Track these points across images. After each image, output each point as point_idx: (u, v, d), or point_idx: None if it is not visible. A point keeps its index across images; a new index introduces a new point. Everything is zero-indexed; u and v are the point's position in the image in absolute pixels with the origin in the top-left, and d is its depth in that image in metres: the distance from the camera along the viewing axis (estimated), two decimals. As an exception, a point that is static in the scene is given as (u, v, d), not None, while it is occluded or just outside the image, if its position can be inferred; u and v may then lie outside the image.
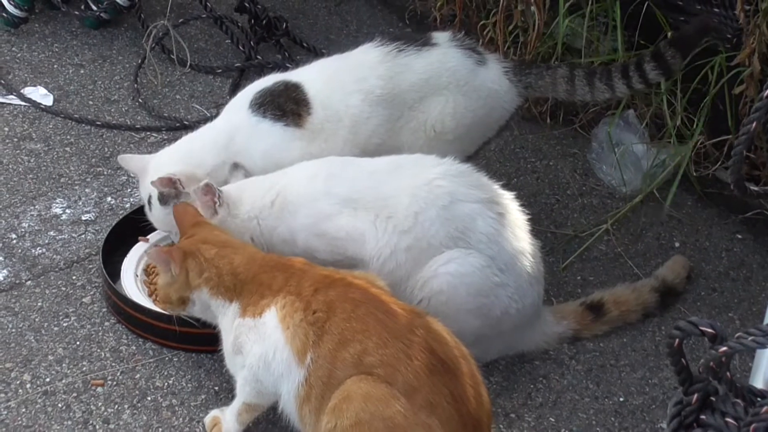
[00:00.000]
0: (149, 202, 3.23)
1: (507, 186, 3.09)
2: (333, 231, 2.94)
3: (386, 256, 2.89)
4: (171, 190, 3.12)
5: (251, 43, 4.58)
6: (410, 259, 2.89)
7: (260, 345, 2.60)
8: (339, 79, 3.28)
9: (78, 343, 3.09)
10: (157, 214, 3.23)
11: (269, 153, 3.21)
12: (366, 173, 3.02)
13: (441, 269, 2.88)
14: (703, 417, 1.78)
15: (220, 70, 4.49)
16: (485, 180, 3.03)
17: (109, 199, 3.67)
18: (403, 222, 2.89)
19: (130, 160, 3.34)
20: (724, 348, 1.67)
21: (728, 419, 1.74)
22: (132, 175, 3.63)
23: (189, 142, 3.32)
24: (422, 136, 3.27)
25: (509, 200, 3.03)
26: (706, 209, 3.77)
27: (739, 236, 3.65)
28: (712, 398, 1.78)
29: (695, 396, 1.78)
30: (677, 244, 3.61)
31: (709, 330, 1.71)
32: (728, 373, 1.73)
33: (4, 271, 3.33)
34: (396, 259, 2.89)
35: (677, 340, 1.75)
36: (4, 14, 4.56)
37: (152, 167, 3.23)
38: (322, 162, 3.08)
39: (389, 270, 2.89)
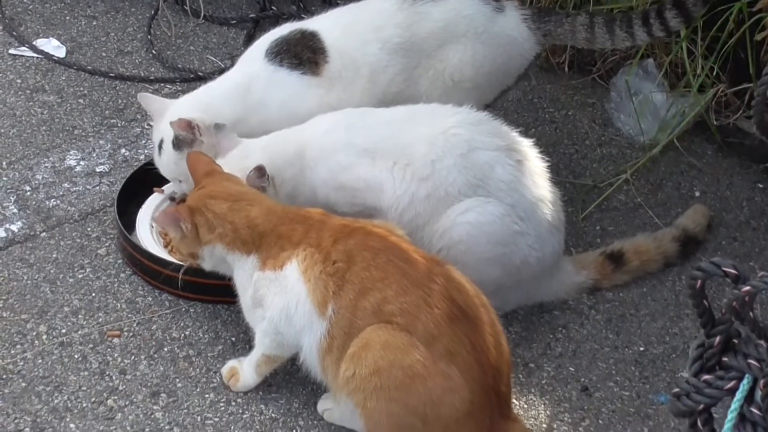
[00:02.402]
0: (160, 147, 3.19)
1: (525, 136, 3.06)
2: (352, 182, 2.92)
3: (405, 204, 2.87)
4: (188, 135, 3.09)
5: (266, -7, 4.54)
6: (429, 207, 2.87)
7: (282, 298, 2.59)
8: (356, 27, 3.25)
9: (94, 294, 3.07)
10: (166, 159, 3.19)
11: (286, 102, 3.19)
12: (383, 123, 2.99)
13: (460, 218, 2.85)
14: (725, 359, 1.76)
15: (234, 21, 4.44)
16: (504, 128, 3.00)
17: (123, 150, 3.65)
18: (420, 170, 2.86)
19: (149, 100, 3.30)
20: (747, 287, 1.65)
21: (751, 361, 1.71)
22: (148, 119, 3.58)
23: (207, 92, 3.29)
24: (440, 85, 3.24)
25: (528, 147, 3.00)
26: (727, 158, 3.73)
27: (761, 185, 3.62)
28: (735, 341, 1.76)
29: (717, 338, 1.75)
30: (698, 194, 3.57)
31: (732, 271, 1.68)
32: (751, 314, 1.70)
33: (19, 222, 3.32)
34: (414, 207, 2.87)
35: (699, 281, 1.72)
36: (16, -34, 4.53)
37: (170, 112, 3.19)
38: (339, 114, 3.06)
39: (408, 219, 2.87)
